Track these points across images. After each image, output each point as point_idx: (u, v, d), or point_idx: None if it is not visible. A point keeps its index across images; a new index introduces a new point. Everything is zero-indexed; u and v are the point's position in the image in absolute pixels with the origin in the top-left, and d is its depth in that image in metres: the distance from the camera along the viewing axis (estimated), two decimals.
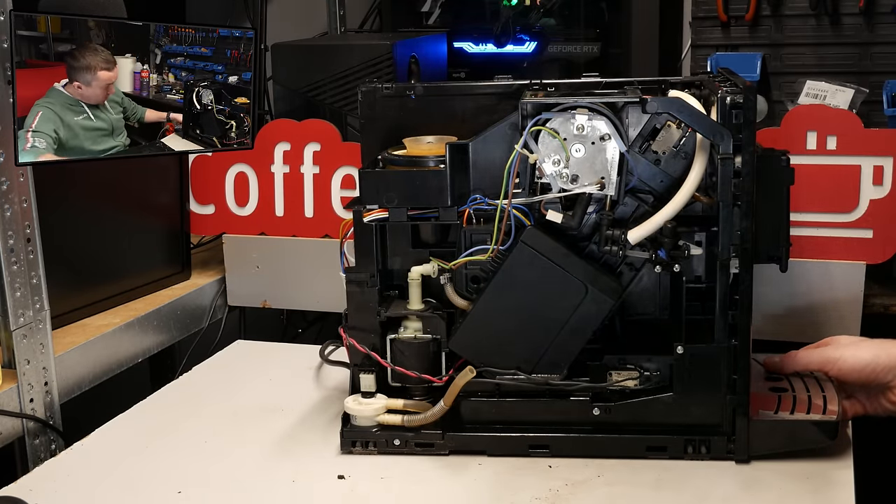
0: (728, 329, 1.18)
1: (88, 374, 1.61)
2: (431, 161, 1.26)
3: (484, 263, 1.25)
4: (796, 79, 2.00)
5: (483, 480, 1.22)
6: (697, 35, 2.15)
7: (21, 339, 1.45)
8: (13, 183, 1.41)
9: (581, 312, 1.20)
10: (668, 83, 1.30)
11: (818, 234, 1.61)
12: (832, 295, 1.62)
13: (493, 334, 1.23)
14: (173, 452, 1.32)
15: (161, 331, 1.80)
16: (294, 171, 1.85)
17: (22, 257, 1.43)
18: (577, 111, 1.18)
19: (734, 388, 1.19)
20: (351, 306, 1.29)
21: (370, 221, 1.26)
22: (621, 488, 1.18)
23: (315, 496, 1.20)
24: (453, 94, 1.36)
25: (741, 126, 1.13)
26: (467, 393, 1.26)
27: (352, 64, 2.03)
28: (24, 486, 1.24)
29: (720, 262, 1.16)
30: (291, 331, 2.31)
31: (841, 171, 1.59)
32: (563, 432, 1.25)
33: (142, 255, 1.84)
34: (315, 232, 1.85)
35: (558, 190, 1.20)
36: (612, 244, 1.18)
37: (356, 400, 1.29)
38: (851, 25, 2.02)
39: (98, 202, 1.72)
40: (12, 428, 1.43)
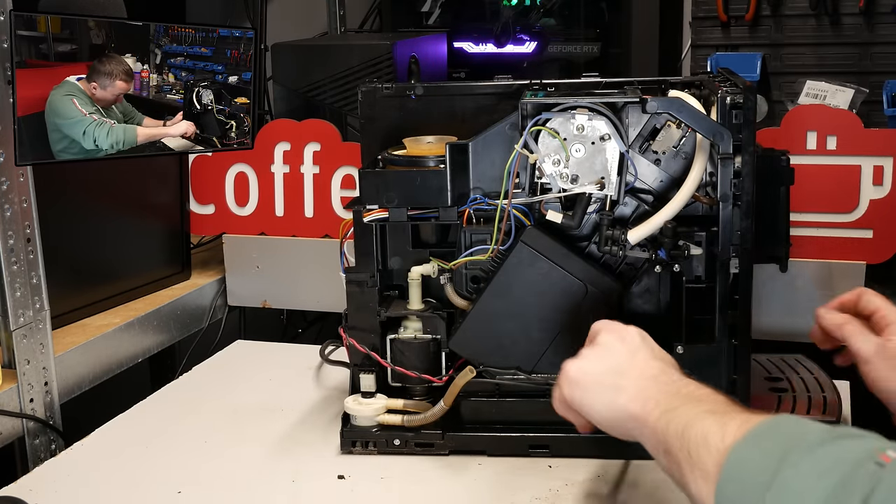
0: (728, 329, 1.18)
1: (88, 374, 1.61)
2: (431, 161, 1.26)
3: (484, 263, 1.25)
4: (796, 79, 2.01)
5: (483, 480, 1.22)
6: (697, 35, 2.15)
7: (21, 339, 1.44)
8: (13, 183, 1.41)
9: (581, 312, 1.20)
10: (668, 83, 1.30)
11: (818, 234, 1.61)
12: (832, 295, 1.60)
13: (492, 334, 1.23)
14: (173, 452, 1.32)
15: (161, 331, 1.80)
16: (294, 171, 1.85)
17: (22, 257, 1.43)
18: (577, 111, 1.17)
19: (734, 388, 1.19)
20: (351, 306, 1.29)
21: (370, 221, 1.26)
22: (621, 488, 1.18)
23: (315, 496, 1.20)
24: (453, 94, 1.36)
25: (741, 126, 1.13)
26: (467, 393, 1.26)
27: (352, 64, 2.03)
28: (24, 486, 1.24)
29: (720, 262, 1.16)
30: (291, 331, 2.31)
31: (841, 171, 1.59)
32: (563, 432, 1.24)
33: (142, 254, 1.84)
34: (315, 232, 1.85)
35: (558, 190, 1.20)
36: (612, 244, 1.18)
37: (356, 400, 1.29)
38: (851, 25, 2.02)
39: (98, 202, 1.72)
40: (12, 428, 1.43)
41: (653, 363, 0.98)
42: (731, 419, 0.81)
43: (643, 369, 0.97)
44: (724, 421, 0.81)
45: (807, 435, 0.74)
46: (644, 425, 0.91)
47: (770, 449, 0.74)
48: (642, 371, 0.97)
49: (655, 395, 0.92)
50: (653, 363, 0.98)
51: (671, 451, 0.85)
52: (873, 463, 0.68)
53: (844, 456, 0.71)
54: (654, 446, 0.89)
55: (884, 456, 0.69)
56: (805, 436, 0.74)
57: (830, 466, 0.70)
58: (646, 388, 0.94)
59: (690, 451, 0.82)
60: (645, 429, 0.91)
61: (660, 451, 0.88)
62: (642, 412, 0.92)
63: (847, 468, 0.69)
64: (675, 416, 0.87)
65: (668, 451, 0.86)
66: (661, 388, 0.93)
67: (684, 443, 0.83)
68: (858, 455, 0.70)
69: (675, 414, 0.87)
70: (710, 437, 0.80)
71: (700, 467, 0.80)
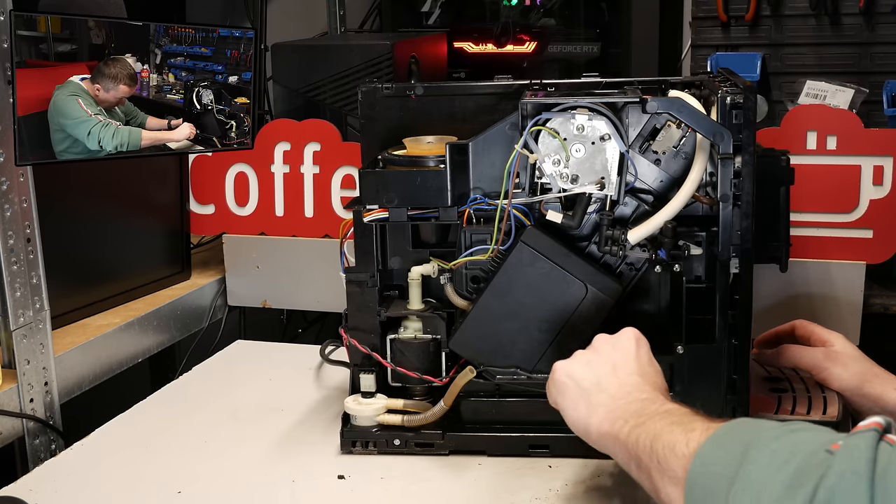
0: (728, 329, 1.18)
1: (88, 374, 1.61)
2: (431, 161, 1.26)
3: (484, 263, 1.25)
4: (796, 79, 2.01)
5: (483, 480, 1.22)
6: (697, 35, 2.15)
7: (21, 339, 1.44)
8: (13, 183, 1.41)
9: (581, 312, 1.20)
10: (668, 83, 1.30)
11: (818, 234, 1.61)
12: (832, 295, 1.62)
13: (493, 334, 1.23)
14: (173, 452, 1.32)
15: (161, 331, 1.80)
16: (294, 171, 1.85)
17: (22, 257, 1.43)
18: (577, 111, 1.17)
19: (734, 388, 1.19)
20: (351, 306, 1.29)
21: (370, 221, 1.26)
22: (621, 488, 1.18)
23: (315, 496, 1.20)
24: (453, 94, 1.36)
25: (741, 126, 1.13)
26: (467, 393, 1.26)
27: (352, 64, 2.03)
28: (24, 486, 1.24)
29: (720, 262, 1.16)
30: (291, 331, 2.31)
31: (841, 171, 1.59)
32: (563, 432, 1.24)
33: (142, 255, 1.84)
34: (315, 232, 1.85)
35: (558, 190, 1.20)
36: (612, 244, 1.18)
37: (356, 400, 1.29)
38: (851, 25, 2.02)
39: (98, 202, 1.73)
40: (12, 428, 1.43)
41: (631, 379, 1.04)
42: (694, 427, 0.89)
43: (620, 385, 1.04)
44: (689, 429, 0.89)
45: (764, 432, 0.81)
46: (615, 441, 0.98)
47: (731, 448, 0.81)
48: (619, 387, 1.03)
49: (624, 414, 0.99)
50: (631, 379, 1.04)
51: (642, 463, 0.92)
52: (824, 451, 0.74)
53: (799, 448, 0.77)
54: (626, 460, 0.97)
55: (834, 445, 0.75)
56: (762, 433, 0.81)
57: (787, 458, 0.76)
58: (617, 407, 1.01)
59: (660, 461, 0.89)
60: (616, 445, 0.98)
61: (631, 463, 0.95)
62: (612, 429, 0.99)
63: (801, 458, 0.75)
64: (644, 430, 0.94)
65: (638, 464, 0.93)
66: (630, 407, 0.99)
67: (653, 454, 0.90)
68: (812, 446, 0.76)
69: (643, 429, 0.94)
70: (677, 445, 0.88)
71: (669, 474, 0.87)
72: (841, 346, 1.26)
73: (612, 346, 1.09)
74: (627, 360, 1.06)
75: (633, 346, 1.08)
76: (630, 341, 1.09)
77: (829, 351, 1.25)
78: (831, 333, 1.27)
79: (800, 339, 1.30)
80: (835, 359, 1.24)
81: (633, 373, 1.05)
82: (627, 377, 1.04)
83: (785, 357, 1.29)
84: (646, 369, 1.06)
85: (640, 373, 1.05)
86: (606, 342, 1.09)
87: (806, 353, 1.27)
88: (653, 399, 0.99)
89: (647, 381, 1.04)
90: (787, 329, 1.33)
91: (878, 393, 1.19)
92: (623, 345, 1.08)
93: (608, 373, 1.05)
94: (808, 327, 1.30)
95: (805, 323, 1.31)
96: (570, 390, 1.06)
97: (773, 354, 1.30)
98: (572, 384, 1.06)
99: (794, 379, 1.30)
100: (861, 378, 1.21)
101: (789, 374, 1.32)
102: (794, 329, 1.32)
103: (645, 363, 1.07)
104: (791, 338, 1.32)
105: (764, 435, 0.80)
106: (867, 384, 1.20)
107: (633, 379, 1.04)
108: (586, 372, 1.06)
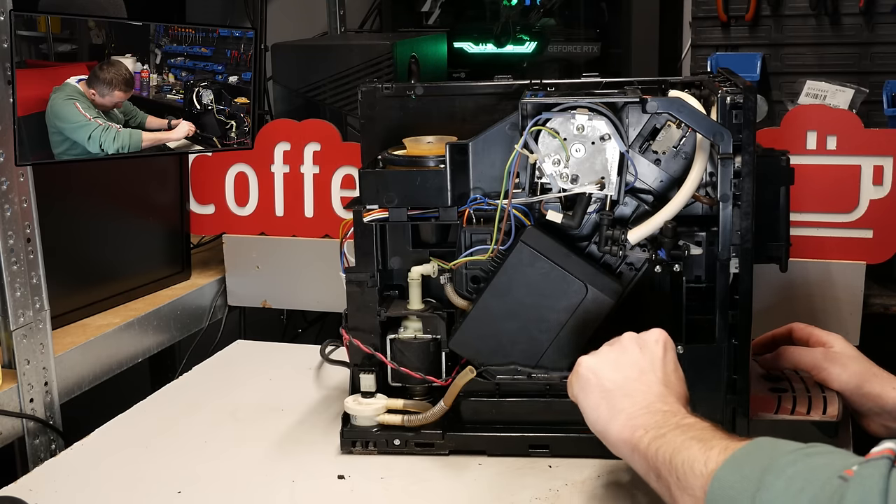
0: (728, 329, 1.18)
1: (88, 374, 1.62)
2: (431, 161, 1.26)
3: (484, 263, 1.25)
4: (796, 79, 2.01)
5: (483, 480, 1.22)
6: (697, 35, 2.15)
7: (21, 339, 1.45)
8: (13, 183, 1.41)
9: (581, 312, 1.20)
10: (668, 83, 1.30)
11: (818, 234, 1.61)
12: (832, 295, 1.62)
13: (493, 334, 1.23)
14: (173, 452, 1.32)
15: (161, 331, 1.80)
16: (294, 171, 1.85)
17: (22, 257, 1.43)
18: (577, 111, 1.17)
19: (734, 388, 1.19)
20: (351, 306, 1.29)
21: (370, 221, 1.26)
22: (621, 488, 1.18)
23: (315, 496, 1.20)
24: (453, 94, 1.36)
25: (741, 126, 1.13)
26: (467, 393, 1.26)
27: (352, 64, 2.03)
28: (24, 486, 1.24)
29: (720, 262, 1.16)
30: (291, 331, 2.31)
31: (841, 171, 1.59)
32: (563, 432, 1.25)
33: (142, 255, 1.84)
34: (315, 232, 1.86)
35: (558, 190, 1.20)
36: (612, 244, 1.18)
37: (356, 400, 1.29)
38: (851, 25, 2.03)
39: (98, 202, 1.73)
40: (12, 428, 1.43)
41: (655, 388, 1.04)
42: (713, 445, 0.90)
43: (644, 394, 1.03)
44: (708, 447, 0.90)
45: (780, 457, 0.82)
46: (634, 450, 0.98)
47: (748, 472, 0.83)
48: (643, 395, 1.03)
49: (645, 424, 0.99)
50: (655, 388, 1.04)
51: (661, 475, 0.93)
52: (837, 478, 0.76)
53: (814, 475, 0.78)
54: (644, 470, 0.97)
55: (848, 471, 0.76)
56: (779, 458, 0.82)
57: (802, 486, 0.78)
58: (638, 415, 1.00)
59: (679, 476, 0.90)
60: (635, 454, 0.98)
61: (650, 474, 0.96)
62: (631, 438, 0.99)
63: (817, 487, 0.77)
64: (664, 442, 0.95)
65: (658, 475, 0.94)
66: (652, 417, 0.99)
67: (672, 468, 0.91)
68: (827, 473, 0.78)
69: (663, 441, 0.95)
70: (696, 463, 0.89)
71: (689, 492, 0.89)
72: (840, 346, 1.26)
73: (639, 347, 1.08)
74: (654, 366, 1.06)
75: (660, 351, 1.08)
76: (658, 345, 1.08)
77: (829, 351, 1.25)
78: (830, 335, 1.27)
79: (798, 341, 1.30)
80: (834, 359, 1.24)
81: (658, 381, 1.04)
82: (652, 385, 1.04)
83: (784, 359, 1.29)
84: (670, 378, 1.06)
85: (664, 381, 1.05)
86: (634, 342, 1.08)
87: (805, 354, 1.27)
88: (674, 411, 0.99)
89: (671, 391, 1.03)
90: (784, 332, 1.33)
91: (877, 392, 1.19)
92: (651, 348, 1.08)
93: (634, 378, 1.04)
94: (806, 329, 1.30)
95: (803, 325, 1.31)
96: (594, 389, 1.06)
97: (772, 358, 1.30)
98: (596, 382, 1.06)
99: (793, 379, 1.30)
100: (860, 377, 1.21)
101: (789, 374, 1.32)
102: (790, 332, 1.32)
103: (670, 371, 1.07)
104: (787, 340, 1.32)
105: (781, 460, 0.81)
106: (867, 383, 1.20)
107: (657, 388, 1.03)
108: (612, 372, 1.06)
